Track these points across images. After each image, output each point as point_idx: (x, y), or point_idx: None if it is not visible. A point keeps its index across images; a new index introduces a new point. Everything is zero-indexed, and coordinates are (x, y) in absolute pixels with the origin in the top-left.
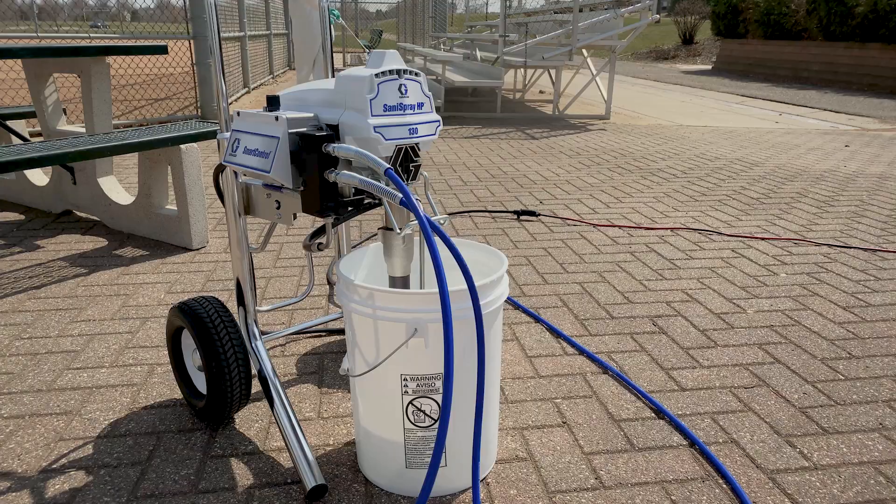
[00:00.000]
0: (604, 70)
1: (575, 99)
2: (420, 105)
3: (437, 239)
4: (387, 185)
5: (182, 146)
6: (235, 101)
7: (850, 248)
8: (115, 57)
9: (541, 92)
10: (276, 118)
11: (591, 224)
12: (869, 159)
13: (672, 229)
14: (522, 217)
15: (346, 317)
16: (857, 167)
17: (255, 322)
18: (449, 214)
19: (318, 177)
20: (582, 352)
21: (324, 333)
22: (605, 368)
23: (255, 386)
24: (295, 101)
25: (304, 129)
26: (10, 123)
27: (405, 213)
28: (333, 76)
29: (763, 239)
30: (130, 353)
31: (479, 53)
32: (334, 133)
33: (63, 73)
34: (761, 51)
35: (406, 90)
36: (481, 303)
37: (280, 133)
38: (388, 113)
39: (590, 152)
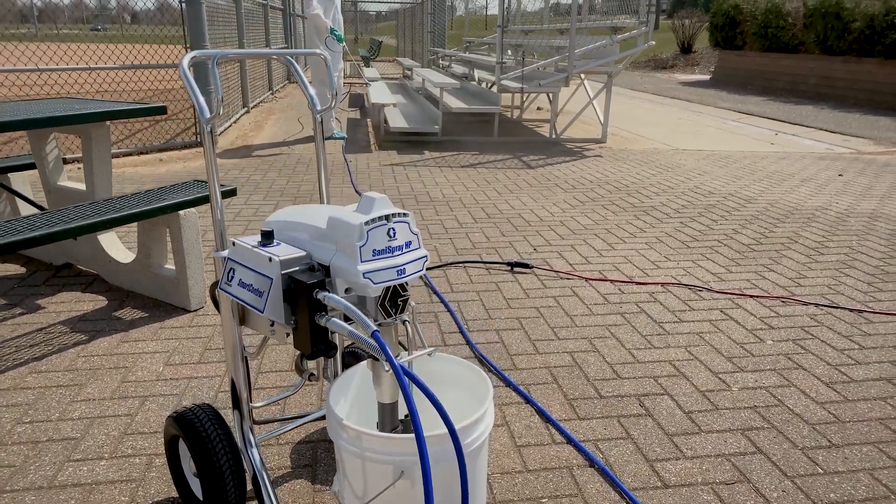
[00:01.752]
0: (601, 93)
1: (572, 122)
2: (408, 244)
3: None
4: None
5: (180, 212)
6: (234, 122)
7: (837, 307)
8: (115, 72)
9: (538, 109)
10: (270, 259)
11: (583, 278)
12: (862, 192)
13: (663, 284)
14: (516, 269)
15: (336, 450)
16: (848, 204)
17: (251, 428)
18: (445, 264)
19: (309, 321)
20: (570, 441)
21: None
22: (591, 461)
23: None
24: (288, 228)
25: (298, 268)
26: (12, 177)
27: (394, 347)
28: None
29: (752, 297)
30: (129, 441)
31: (476, 73)
32: (326, 272)
33: (64, 133)
34: (759, 63)
35: (394, 233)
36: (464, 443)
37: (273, 275)
38: (376, 257)
39: (585, 185)
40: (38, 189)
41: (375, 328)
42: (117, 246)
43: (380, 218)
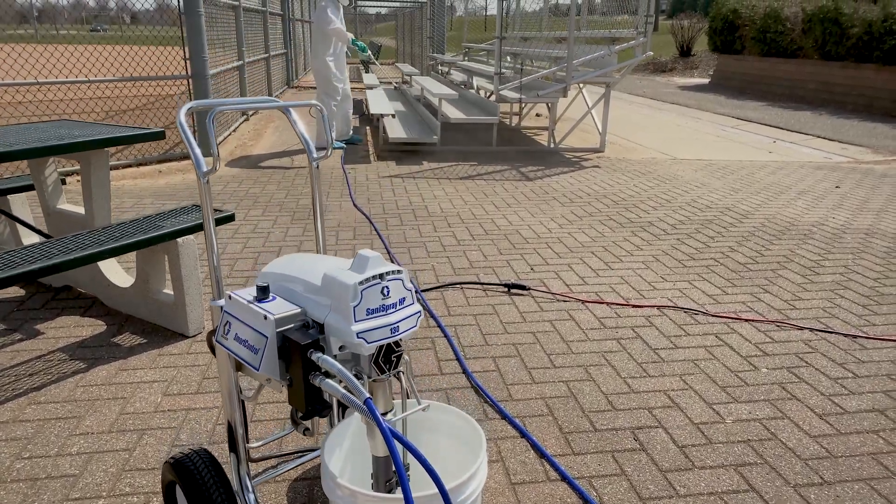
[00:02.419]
0: (599, 102)
1: (570, 132)
2: (402, 301)
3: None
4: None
5: (179, 239)
6: (233, 131)
7: (832, 332)
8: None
9: (537, 115)
10: (265, 317)
11: (579, 300)
12: (858, 206)
13: (658, 307)
14: (513, 290)
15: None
16: (845, 219)
17: (248, 472)
18: (442, 285)
19: (304, 381)
20: (564, 478)
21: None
22: (585, 501)
23: None
24: (284, 280)
25: (292, 325)
26: (10, 198)
27: (388, 401)
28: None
29: (747, 321)
30: (127, 478)
31: (475, 81)
32: (321, 328)
33: (63, 160)
34: (758, 67)
35: (388, 291)
36: (456, 502)
37: (269, 333)
38: (370, 316)
39: (582, 198)
40: (35, 204)
41: (368, 396)
42: (116, 270)
43: (374, 277)
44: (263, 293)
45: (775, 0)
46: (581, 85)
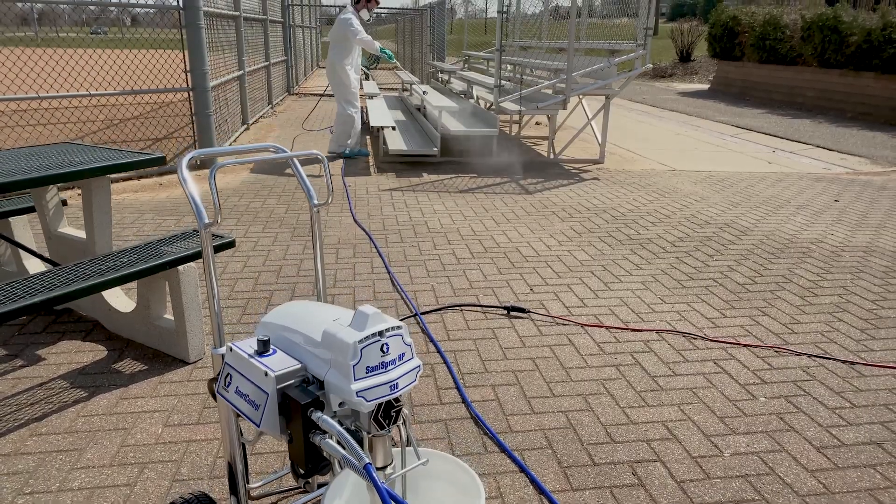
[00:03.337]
0: (599, 113)
1: (570, 143)
2: (401, 356)
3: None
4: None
5: (180, 267)
6: (234, 140)
7: (830, 358)
8: (111, 97)
9: (537, 123)
10: (266, 374)
11: (578, 324)
12: (857, 221)
13: (658, 331)
14: (513, 313)
15: None
16: (843, 235)
17: None
18: (442, 307)
19: (304, 439)
20: None
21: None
22: None
23: None
24: (284, 331)
25: (293, 382)
26: (12, 220)
27: (387, 454)
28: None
29: (745, 346)
30: None
31: (475, 91)
32: (321, 383)
33: (65, 186)
34: (757, 74)
35: (388, 348)
36: None
37: (269, 390)
38: (370, 374)
39: (582, 213)
40: (36, 222)
41: (368, 461)
42: (117, 295)
43: (373, 335)
44: (264, 347)
45: (775, 7)
46: (581, 95)
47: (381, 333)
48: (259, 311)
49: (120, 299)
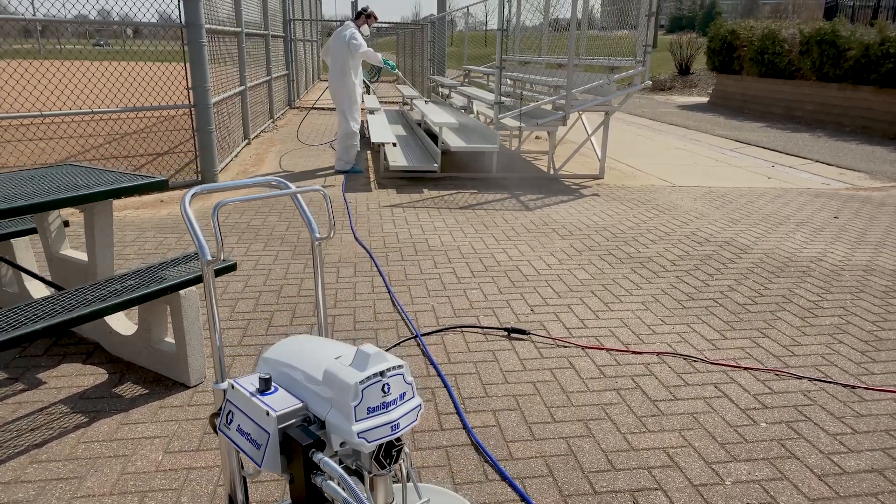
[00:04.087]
0: (598, 129)
1: (570, 159)
2: (402, 396)
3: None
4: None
5: (181, 291)
6: (235, 156)
7: (830, 382)
8: (119, 100)
9: (537, 138)
10: (268, 413)
11: (579, 346)
12: (857, 238)
13: (658, 354)
14: (513, 335)
15: None
16: (843, 254)
17: None
18: (442, 329)
19: (305, 480)
20: None
21: None
22: None
23: None
24: (286, 368)
25: (294, 421)
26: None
27: (388, 493)
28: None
29: (746, 369)
30: None
31: (475, 106)
32: (322, 423)
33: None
34: (756, 88)
35: (389, 388)
36: None
37: (271, 430)
38: (371, 415)
39: (582, 231)
40: (37, 241)
41: None
42: (118, 317)
43: (374, 375)
44: (266, 385)
45: (773, 22)
46: (580, 111)
47: (382, 373)
48: (259, 332)
49: (121, 322)
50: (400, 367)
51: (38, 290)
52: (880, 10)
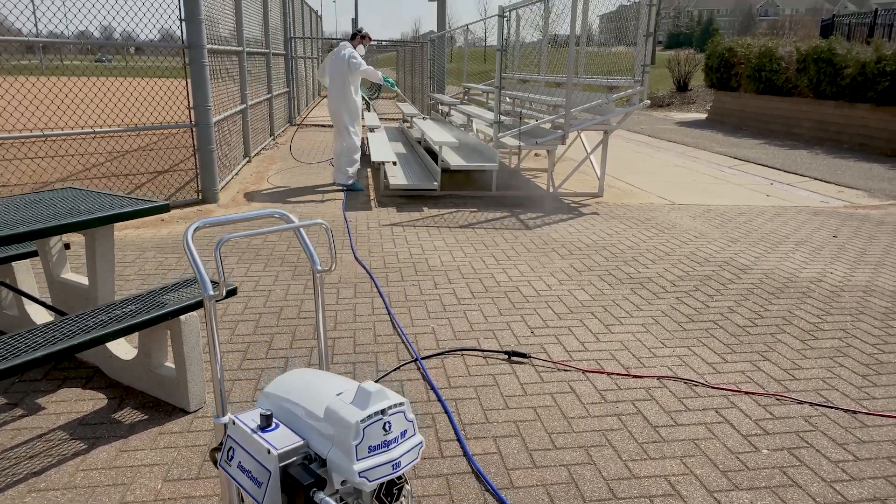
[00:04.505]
0: (597, 147)
1: (569, 177)
2: (403, 434)
3: None
4: None
5: (182, 317)
6: (236, 174)
7: (832, 407)
8: (121, 117)
9: (536, 155)
10: (269, 451)
11: (579, 370)
12: (856, 258)
13: (659, 378)
14: (514, 358)
15: None
16: (843, 274)
17: None
18: (443, 352)
19: None
20: None
21: None
22: None
23: None
24: (287, 404)
25: (295, 459)
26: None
27: None
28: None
29: (747, 393)
30: None
31: (475, 125)
32: (323, 461)
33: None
34: (753, 105)
35: (390, 426)
36: None
37: (272, 468)
38: (372, 454)
39: (582, 250)
40: (38, 266)
41: None
42: (118, 342)
43: (375, 413)
44: (267, 421)
45: (770, 39)
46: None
47: (383, 412)
48: (259, 356)
49: (121, 346)
50: (401, 404)
51: (38, 313)
52: (876, 27)
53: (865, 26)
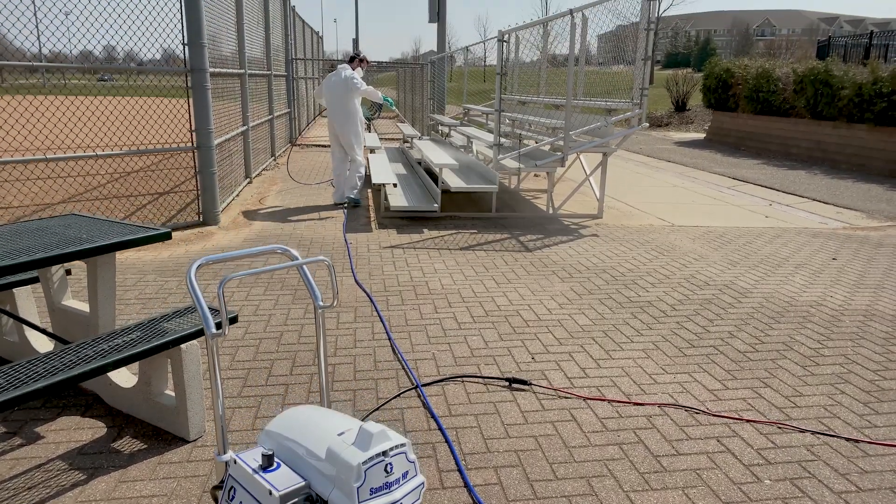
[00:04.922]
0: (597, 169)
1: (569, 198)
2: (405, 475)
3: None
4: None
5: (182, 346)
6: (236, 196)
7: (833, 436)
8: (123, 134)
9: (536, 176)
10: (270, 492)
11: (580, 397)
12: (855, 281)
13: (660, 405)
14: (514, 385)
15: None
16: (843, 298)
17: None
18: (443, 379)
19: None
20: None
21: None
22: None
23: None
24: (288, 442)
25: (296, 500)
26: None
27: None
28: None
29: (748, 421)
30: None
31: (475, 147)
32: (325, 503)
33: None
34: (751, 125)
35: (391, 468)
36: None
37: None
38: (374, 496)
39: (582, 272)
40: (39, 292)
41: None
42: (118, 369)
43: (377, 455)
44: (268, 462)
45: (767, 61)
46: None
47: (385, 453)
48: (259, 382)
49: (121, 374)
50: (403, 445)
51: (38, 339)
52: (872, 48)
53: (861, 47)
